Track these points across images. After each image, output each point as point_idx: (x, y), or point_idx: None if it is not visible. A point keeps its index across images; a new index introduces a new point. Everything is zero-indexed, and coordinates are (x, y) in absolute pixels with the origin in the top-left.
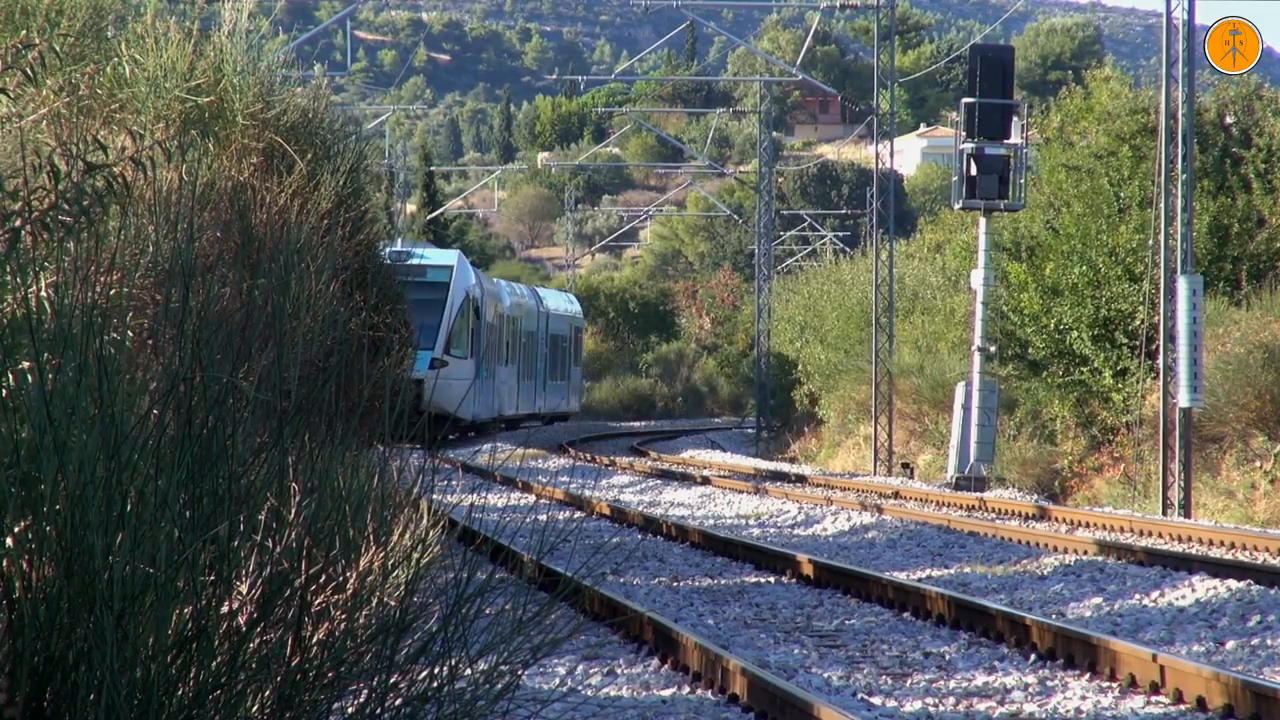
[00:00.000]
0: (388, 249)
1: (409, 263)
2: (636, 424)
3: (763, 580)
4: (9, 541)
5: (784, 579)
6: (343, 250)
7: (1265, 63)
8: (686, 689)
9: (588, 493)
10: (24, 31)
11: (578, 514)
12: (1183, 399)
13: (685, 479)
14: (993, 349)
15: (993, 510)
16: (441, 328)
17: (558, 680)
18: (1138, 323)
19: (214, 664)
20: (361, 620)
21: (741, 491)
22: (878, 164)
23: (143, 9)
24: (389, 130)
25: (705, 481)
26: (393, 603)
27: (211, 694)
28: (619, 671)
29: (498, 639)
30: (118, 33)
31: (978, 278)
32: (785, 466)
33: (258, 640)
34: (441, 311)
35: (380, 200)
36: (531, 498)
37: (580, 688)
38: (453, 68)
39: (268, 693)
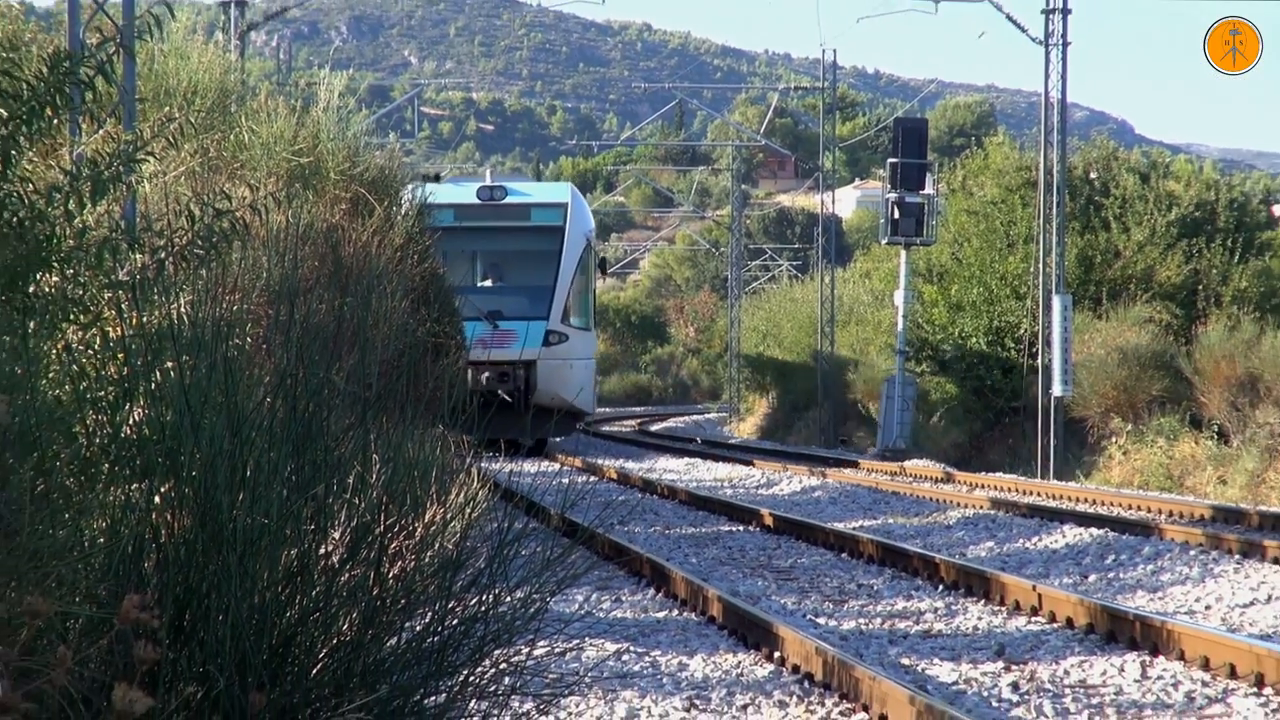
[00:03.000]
0: (476, 187)
1: (504, 202)
2: (637, 409)
3: (734, 529)
4: (157, 499)
5: (750, 528)
6: (411, 276)
7: (1120, 132)
8: (676, 612)
9: (599, 461)
10: (167, 108)
11: (592, 478)
12: (1056, 389)
13: (676, 451)
14: (910, 351)
15: (910, 475)
16: (557, 288)
17: (577, 605)
18: (1022, 331)
19: (314, 593)
20: (426, 560)
21: (718, 460)
22: (822, 209)
23: (257, 90)
24: None
25: (690, 454)
26: (450, 546)
27: (312, 615)
28: (624, 599)
29: (531, 574)
30: (238, 109)
31: (899, 297)
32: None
33: (347, 575)
34: (555, 265)
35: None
36: (556, 466)
37: (594, 611)
38: (496, 135)
39: (355, 615)
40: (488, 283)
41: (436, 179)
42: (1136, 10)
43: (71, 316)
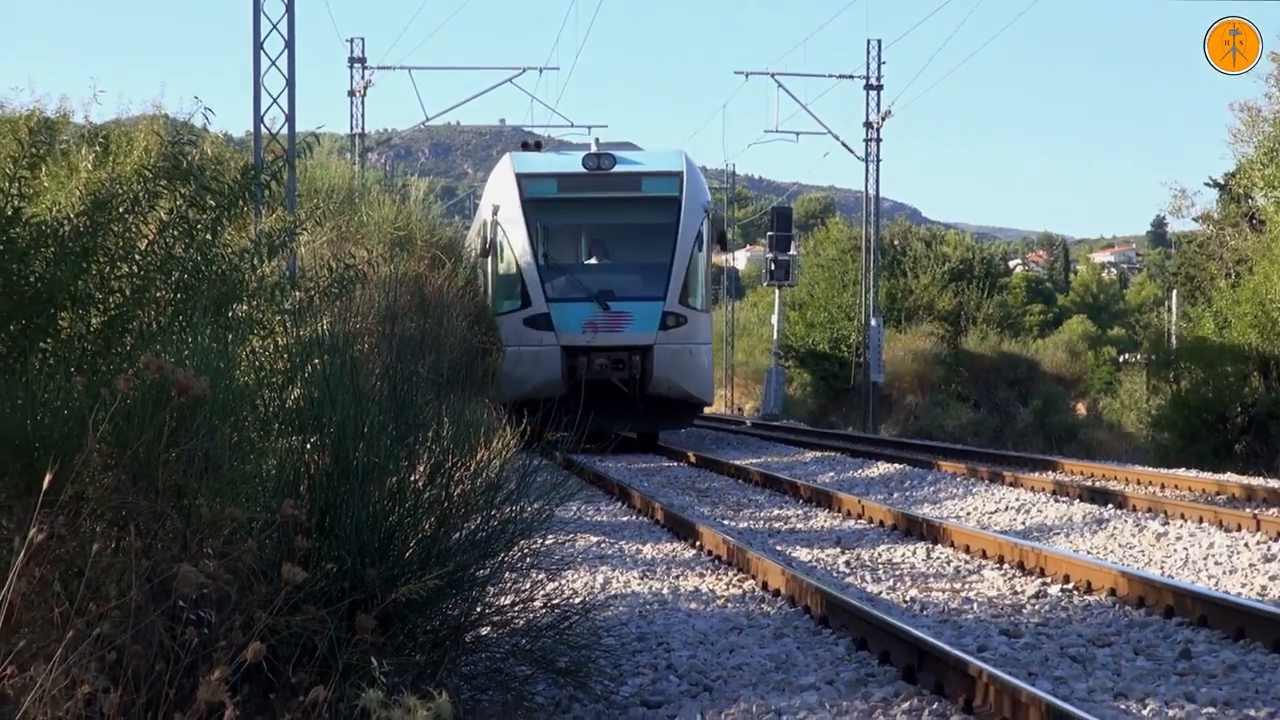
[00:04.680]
0: (581, 156)
1: (612, 171)
2: None
3: (671, 464)
4: (308, 446)
5: (680, 464)
6: (468, 306)
7: (913, 215)
8: (635, 517)
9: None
10: (314, 200)
11: None
12: (873, 376)
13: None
14: (782, 353)
15: (782, 430)
16: (674, 265)
17: (572, 512)
18: (852, 340)
19: (406, 505)
20: (478, 484)
21: None
22: (726, 264)
23: (371, 189)
24: None
25: None
26: (492, 475)
27: (405, 519)
28: (602, 509)
29: (543, 493)
30: (359, 201)
31: (775, 319)
32: None
33: (427, 494)
34: (672, 241)
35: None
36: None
37: (583, 516)
38: None
39: (433, 519)
40: (593, 260)
41: (538, 147)
42: (927, 130)
43: (255, 331)
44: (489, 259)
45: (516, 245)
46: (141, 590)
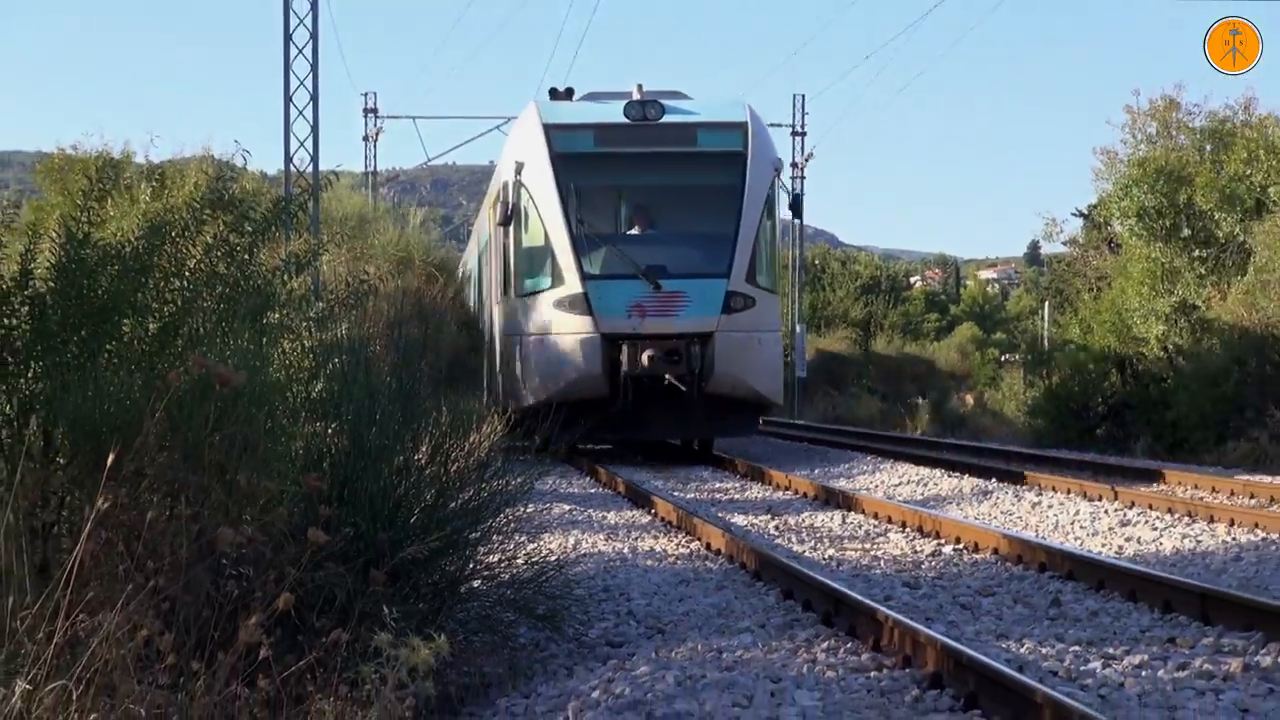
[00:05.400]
0: (623, 105)
1: (661, 122)
2: None
3: (630, 448)
4: (330, 430)
5: (640, 447)
6: (458, 314)
7: (831, 239)
8: (602, 489)
9: None
10: (334, 225)
11: None
12: (799, 372)
13: None
14: None
15: None
16: (740, 235)
17: (549, 485)
18: (784, 344)
19: (411, 479)
20: (470, 462)
21: None
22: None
23: (380, 217)
24: None
25: None
26: (483, 455)
27: (411, 491)
28: (574, 482)
29: (525, 468)
30: (371, 227)
31: None
32: None
33: (429, 469)
34: (736, 205)
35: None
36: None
37: (558, 489)
38: None
39: (434, 491)
40: (638, 229)
41: (569, 94)
42: (843, 167)
43: (285, 335)
44: (509, 228)
45: (545, 210)
46: (191, 550)
